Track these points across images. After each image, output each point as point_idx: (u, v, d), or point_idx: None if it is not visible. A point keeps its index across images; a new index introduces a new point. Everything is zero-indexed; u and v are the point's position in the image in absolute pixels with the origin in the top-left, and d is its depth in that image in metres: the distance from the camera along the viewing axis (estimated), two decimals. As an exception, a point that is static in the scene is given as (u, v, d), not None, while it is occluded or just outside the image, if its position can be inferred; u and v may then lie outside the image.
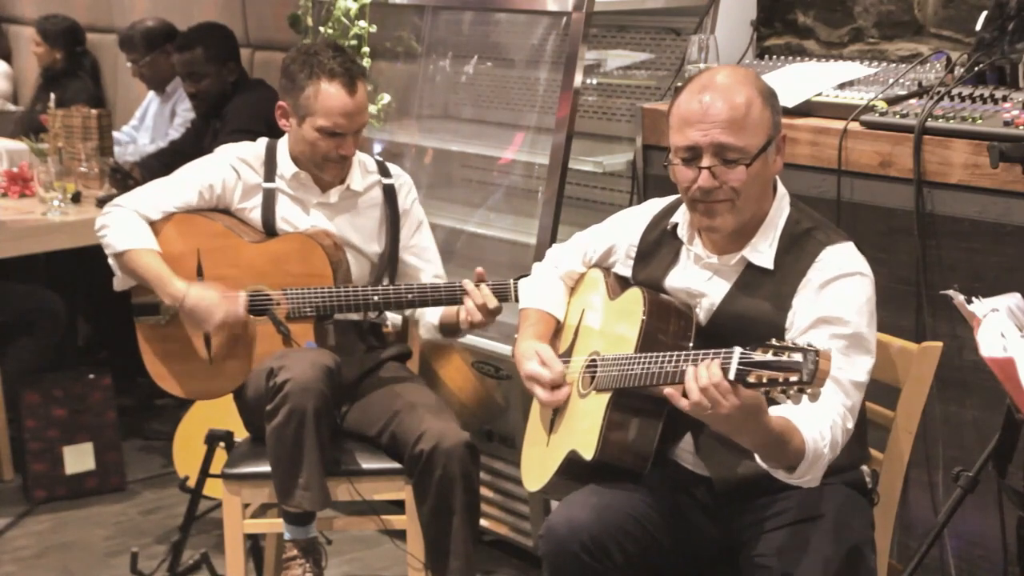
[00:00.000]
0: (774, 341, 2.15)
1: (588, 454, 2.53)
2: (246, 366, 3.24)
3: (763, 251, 2.52)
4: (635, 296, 2.59)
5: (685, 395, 2.24)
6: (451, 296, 3.20)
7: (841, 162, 3.07)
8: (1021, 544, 2.43)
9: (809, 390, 2.11)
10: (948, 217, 2.96)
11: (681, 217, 2.64)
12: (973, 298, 2.04)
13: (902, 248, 3.02)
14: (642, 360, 2.44)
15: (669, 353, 2.39)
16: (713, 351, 2.25)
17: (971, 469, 2.14)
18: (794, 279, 2.47)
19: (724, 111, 2.44)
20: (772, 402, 2.21)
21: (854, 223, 3.01)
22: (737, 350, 2.18)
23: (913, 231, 3.00)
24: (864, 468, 2.61)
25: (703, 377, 2.20)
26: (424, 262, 3.43)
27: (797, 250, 2.50)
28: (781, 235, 2.52)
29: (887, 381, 2.63)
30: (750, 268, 2.53)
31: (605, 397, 2.54)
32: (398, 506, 3.25)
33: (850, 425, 2.38)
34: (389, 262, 3.39)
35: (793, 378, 2.11)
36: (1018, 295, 2.04)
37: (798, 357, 2.11)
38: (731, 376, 2.17)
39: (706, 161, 2.45)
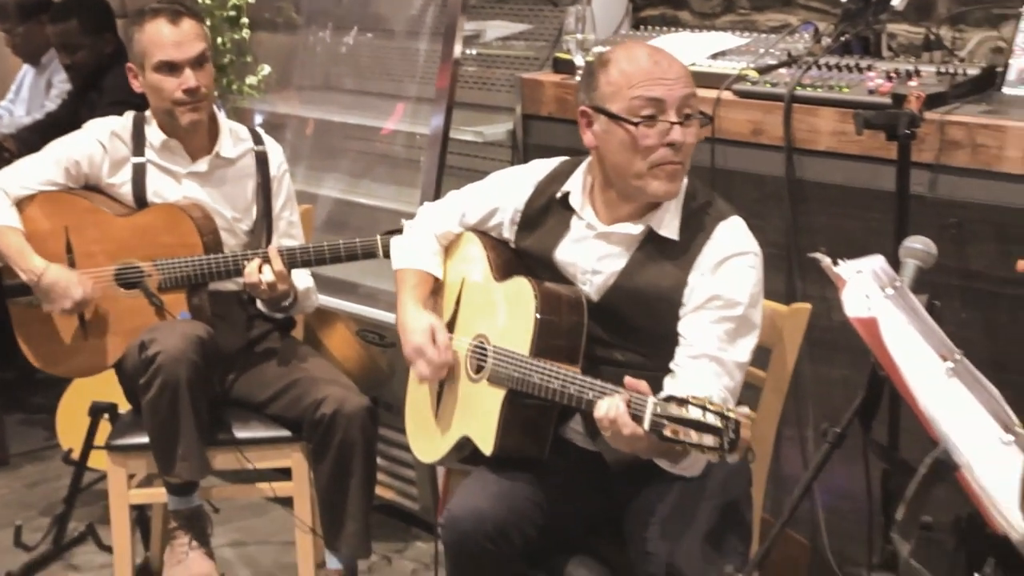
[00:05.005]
0: (687, 396, 2.11)
1: (486, 449, 2.51)
2: (122, 341, 3.17)
3: (669, 222, 2.48)
4: (525, 289, 2.52)
5: None
6: (348, 253, 3.17)
7: (715, 130, 3.08)
8: (885, 495, 2.49)
9: (727, 458, 2.09)
10: (817, 183, 2.99)
11: (575, 184, 2.58)
12: (839, 260, 2.07)
13: (774, 213, 3.05)
14: (542, 370, 2.40)
15: (571, 374, 2.34)
16: (623, 391, 2.21)
17: (839, 425, 2.18)
18: (692, 254, 2.45)
19: (679, 67, 2.43)
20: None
21: (728, 190, 3.02)
22: (651, 399, 2.14)
23: (784, 197, 3.03)
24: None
25: (612, 414, 2.19)
26: (289, 238, 3.37)
27: (695, 223, 2.48)
28: (683, 206, 2.50)
29: (759, 342, 2.62)
30: (652, 239, 2.48)
31: (500, 393, 2.50)
32: (285, 474, 3.22)
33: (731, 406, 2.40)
34: (263, 230, 3.33)
35: (711, 442, 2.07)
36: (882, 258, 2.07)
37: (716, 421, 2.07)
38: (645, 426, 2.14)
39: (672, 115, 2.39)
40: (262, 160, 3.35)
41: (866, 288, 1.99)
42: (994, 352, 2.73)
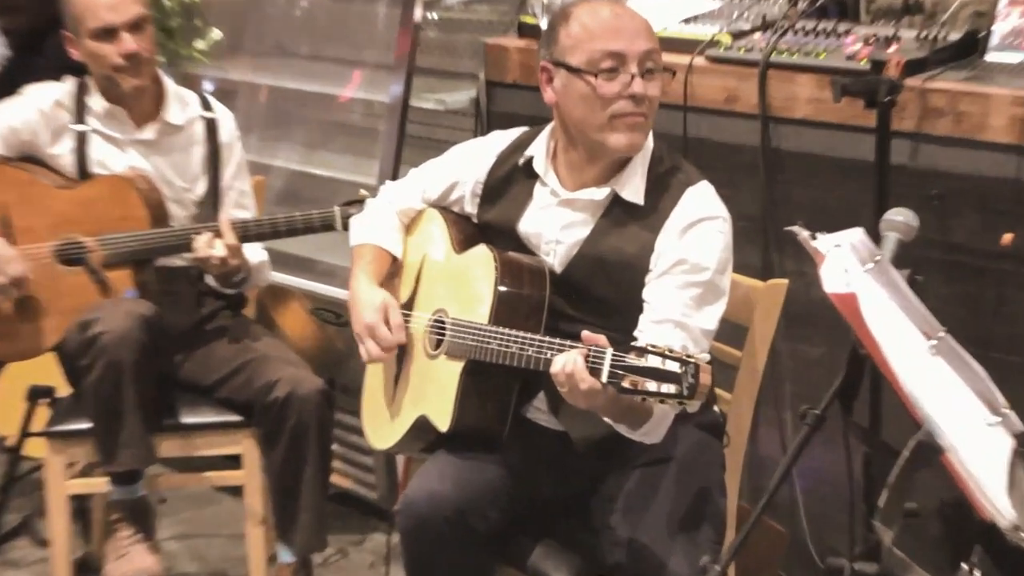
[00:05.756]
0: (646, 344, 2.10)
1: (443, 425, 2.49)
2: (62, 321, 3.11)
3: (635, 185, 2.48)
4: (485, 257, 2.52)
5: None
6: (305, 225, 3.15)
7: (687, 97, 3.08)
8: (868, 480, 2.48)
9: (687, 403, 2.08)
10: (794, 153, 2.99)
11: (538, 149, 2.58)
12: (817, 234, 2.04)
13: (749, 185, 3.04)
14: (499, 336, 2.39)
15: (530, 336, 2.34)
16: (581, 345, 2.19)
17: (818, 407, 2.16)
18: (658, 218, 2.45)
19: (640, 21, 2.44)
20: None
21: (700, 159, 2.99)
22: (609, 351, 2.13)
23: (760, 167, 3.02)
24: (715, 409, 2.63)
25: (569, 368, 2.18)
26: (241, 209, 3.34)
27: (662, 188, 2.48)
28: (649, 170, 2.50)
29: (734, 320, 2.63)
30: (618, 204, 2.49)
31: (458, 366, 2.49)
32: (235, 462, 3.19)
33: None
34: (212, 202, 3.29)
35: (670, 389, 2.06)
36: (861, 230, 2.05)
37: (675, 367, 2.06)
38: (603, 379, 2.12)
39: (634, 68, 2.39)
40: (212, 127, 3.31)
41: (845, 262, 1.97)
42: (979, 329, 2.73)
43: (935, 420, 1.87)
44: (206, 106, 3.33)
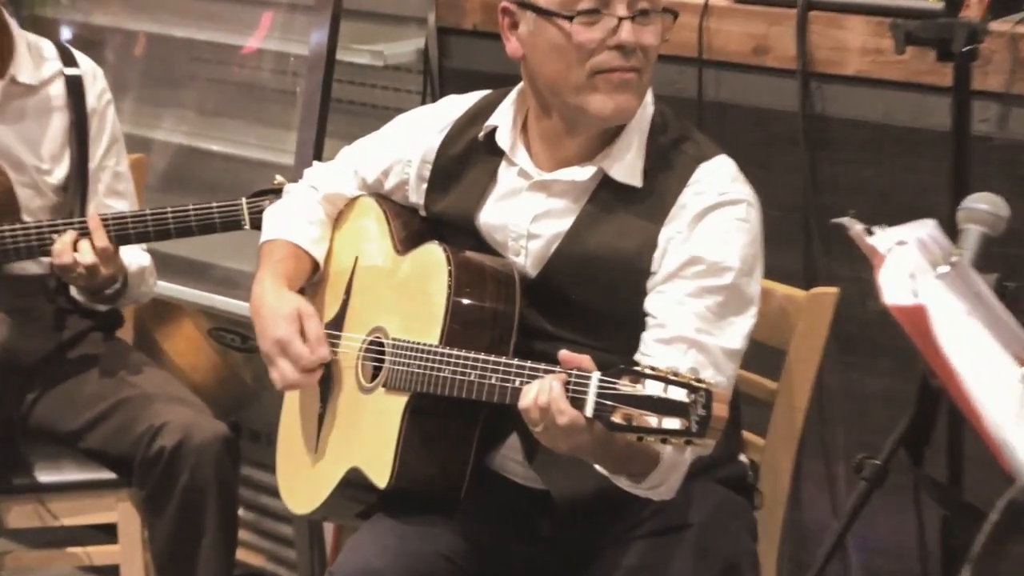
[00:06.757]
0: (644, 367, 2.09)
1: (380, 480, 2.49)
2: None
3: (628, 163, 2.48)
4: (436, 259, 2.51)
5: None
6: (201, 222, 3.14)
7: (702, 48, 3.09)
8: (945, 552, 2.49)
9: (697, 442, 2.06)
10: (844, 120, 3.01)
11: (502, 118, 2.58)
12: (875, 227, 2.05)
13: (784, 163, 3.06)
14: (454, 360, 2.38)
15: (493, 360, 2.34)
16: (559, 369, 2.18)
17: (879, 456, 2.17)
18: (662, 205, 2.45)
19: None
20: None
21: (720, 130, 3.03)
22: (595, 375, 2.12)
23: (798, 139, 3.03)
24: (742, 459, 2.64)
25: (543, 399, 2.17)
26: (116, 197, 3.34)
27: (665, 167, 2.48)
28: (648, 143, 2.50)
29: (767, 341, 2.65)
30: (608, 187, 2.48)
31: (400, 401, 2.49)
32: (108, 533, 3.20)
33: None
34: (77, 189, 3.29)
35: (673, 424, 2.04)
36: (933, 223, 2.05)
37: (680, 395, 2.05)
38: (588, 411, 2.12)
39: (621, 9, 2.39)
40: (75, 88, 3.31)
41: (911, 265, 1.98)
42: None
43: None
44: (68, 60, 3.32)
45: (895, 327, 2.01)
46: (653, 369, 2.09)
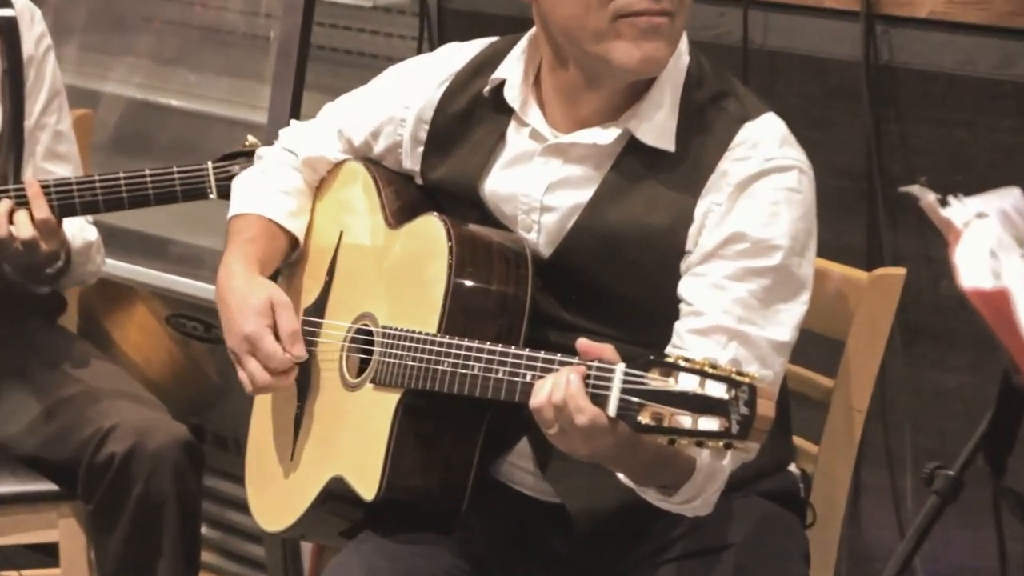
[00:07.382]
0: (677, 358, 2.10)
1: (367, 491, 2.51)
2: None
3: (659, 123, 2.48)
4: (434, 234, 2.52)
5: None
6: (159, 191, 3.15)
7: (747, -15, 3.12)
8: (1029, 577, 2.51)
9: (739, 446, 2.07)
10: (914, 71, 3.02)
11: (511, 70, 2.59)
12: (950, 197, 2.07)
13: (844, 123, 3.08)
14: (455, 351, 2.40)
15: (500, 350, 2.35)
16: (577, 361, 2.20)
17: (953, 465, 2.18)
18: (699, 173, 2.46)
19: None
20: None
21: (769, 83, 3.04)
22: (620, 367, 2.13)
23: (861, 95, 3.05)
24: (791, 469, 2.66)
25: (559, 396, 2.17)
26: (57, 160, 3.36)
27: (702, 128, 2.49)
28: (681, 100, 2.51)
29: (823, 331, 2.67)
30: (635, 152, 2.49)
31: (391, 399, 2.50)
32: (48, 554, 3.23)
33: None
34: (12, 151, 3.31)
35: (711, 425, 2.05)
36: (1019, 191, 2.07)
37: (719, 391, 2.05)
38: (611, 409, 2.13)
39: None
40: (8, 31, 3.32)
41: (992, 241, 1.99)
42: None
43: None
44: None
45: (972, 314, 2.03)
46: (687, 360, 2.09)
